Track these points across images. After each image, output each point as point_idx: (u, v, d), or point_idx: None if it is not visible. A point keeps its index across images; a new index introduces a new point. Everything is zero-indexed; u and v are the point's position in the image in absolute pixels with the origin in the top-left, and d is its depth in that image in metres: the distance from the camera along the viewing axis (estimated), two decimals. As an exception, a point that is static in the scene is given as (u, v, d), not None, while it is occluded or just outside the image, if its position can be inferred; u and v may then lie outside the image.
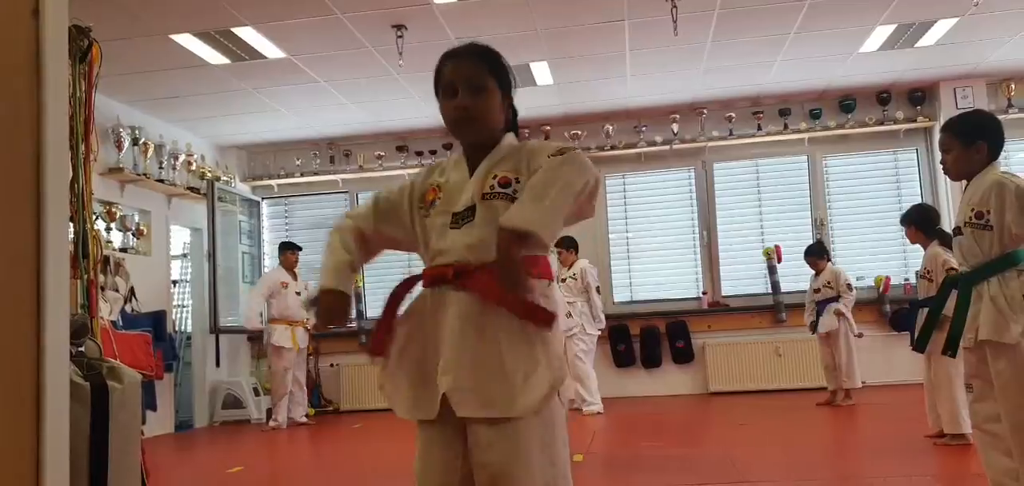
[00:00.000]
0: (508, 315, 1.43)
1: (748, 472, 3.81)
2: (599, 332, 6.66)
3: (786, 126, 7.82)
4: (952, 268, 3.89)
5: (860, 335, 6.38)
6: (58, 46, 0.91)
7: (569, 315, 4.37)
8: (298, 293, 7.18)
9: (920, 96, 7.64)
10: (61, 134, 0.89)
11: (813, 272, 6.45)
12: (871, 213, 7.73)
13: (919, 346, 3.40)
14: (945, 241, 4.16)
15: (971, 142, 2.61)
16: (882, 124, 7.69)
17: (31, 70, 0.86)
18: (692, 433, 5.64)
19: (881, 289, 7.51)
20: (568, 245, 6.81)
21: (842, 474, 3.83)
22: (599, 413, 6.43)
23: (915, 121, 7.63)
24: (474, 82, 1.53)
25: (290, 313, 7.14)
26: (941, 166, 2.77)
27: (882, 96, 7.67)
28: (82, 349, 1.83)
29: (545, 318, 1.43)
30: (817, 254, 6.46)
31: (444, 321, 1.48)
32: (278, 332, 7.02)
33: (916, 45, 6.46)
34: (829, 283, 6.28)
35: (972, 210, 2.57)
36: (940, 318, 3.05)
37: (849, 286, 6.23)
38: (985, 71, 7.27)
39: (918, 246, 4.45)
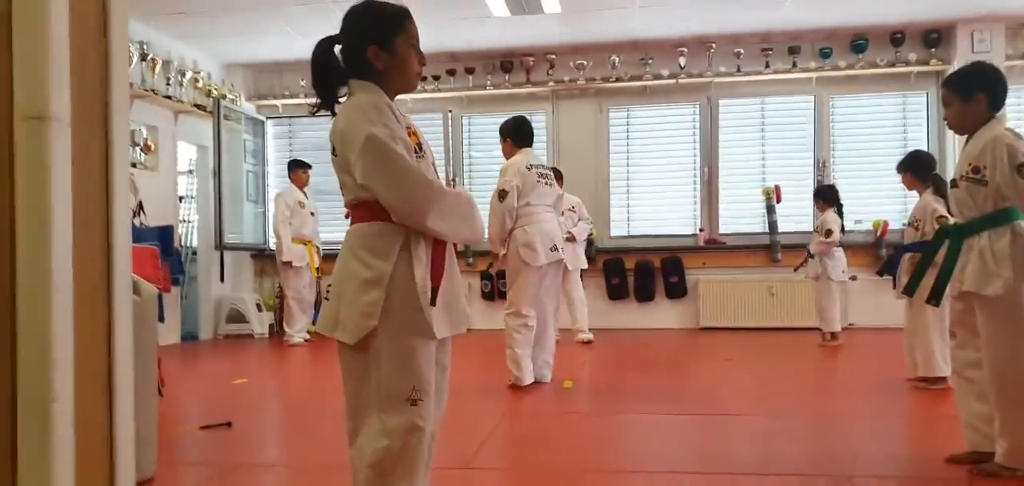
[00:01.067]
0: None
1: (727, 405, 3.99)
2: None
3: (795, 65, 7.75)
4: (942, 216, 3.97)
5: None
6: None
7: (553, 249, 4.48)
8: (312, 213, 7.21)
9: (936, 37, 7.51)
10: (124, 70, 0.96)
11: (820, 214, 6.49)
12: (874, 156, 7.67)
13: (909, 291, 3.51)
14: (940, 188, 4.22)
15: (969, 95, 2.64)
16: (893, 66, 7.60)
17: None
18: (679, 366, 5.82)
19: (879, 233, 7.60)
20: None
21: (817, 410, 3.99)
22: (589, 341, 6.61)
23: (928, 64, 7.51)
24: None
25: (306, 232, 7.17)
26: (944, 121, 2.80)
27: (896, 36, 7.54)
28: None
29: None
30: (825, 198, 6.44)
31: (454, 258, 1.89)
32: (296, 252, 7.02)
33: (933, -16, 6.33)
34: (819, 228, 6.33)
35: (969, 164, 2.62)
36: (930, 265, 3.13)
37: (828, 232, 6.22)
38: (1005, 13, 7.07)
39: (915, 192, 4.51)
